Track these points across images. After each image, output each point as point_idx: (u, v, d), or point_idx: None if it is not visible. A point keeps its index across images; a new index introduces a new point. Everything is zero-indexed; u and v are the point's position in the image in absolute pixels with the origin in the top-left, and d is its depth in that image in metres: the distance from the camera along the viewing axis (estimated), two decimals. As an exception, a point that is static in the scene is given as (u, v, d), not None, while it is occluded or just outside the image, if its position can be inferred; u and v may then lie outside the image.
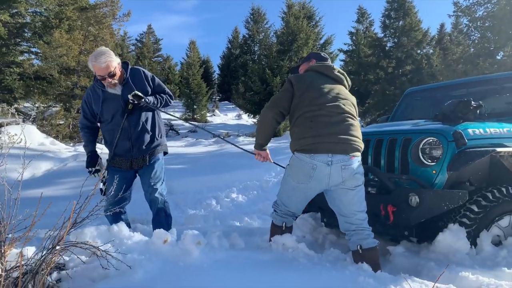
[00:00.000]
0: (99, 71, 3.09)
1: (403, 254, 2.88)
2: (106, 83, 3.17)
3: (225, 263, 2.31)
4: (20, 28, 13.52)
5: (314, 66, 2.94)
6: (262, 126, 2.94)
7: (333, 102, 2.68)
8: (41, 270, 1.80)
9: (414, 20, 20.71)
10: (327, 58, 3.07)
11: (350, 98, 2.82)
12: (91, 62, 3.12)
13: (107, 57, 3.09)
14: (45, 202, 2.00)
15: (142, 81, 3.32)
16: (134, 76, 3.31)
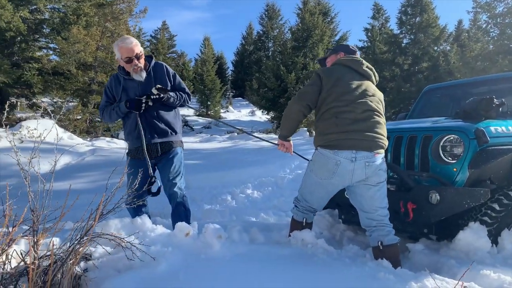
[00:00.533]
0: (126, 52, 3.12)
1: (422, 251, 2.86)
2: (132, 66, 3.17)
3: (246, 257, 2.33)
4: (38, 24, 13.74)
5: (342, 60, 2.88)
6: (287, 118, 2.90)
7: (360, 99, 2.66)
8: (69, 260, 1.85)
9: (431, 16, 20.43)
10: (356, 51, 3.02)
11: (378, 94, 2.79)
12: (117, 46, 3.18)
13: (133, 40, 3.20)
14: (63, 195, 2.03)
15: (163, 76, 3.35)
16: (157, 70, 3.35)
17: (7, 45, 13.15)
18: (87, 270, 2.02)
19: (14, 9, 11.49)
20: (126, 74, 3.29)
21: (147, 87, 3.24)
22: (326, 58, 3.13)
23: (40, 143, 1.94)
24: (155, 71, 3.33)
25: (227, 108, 29.64)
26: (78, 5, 13.33)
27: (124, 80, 3.30)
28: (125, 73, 3.29)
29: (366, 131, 2.58)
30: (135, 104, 3.17)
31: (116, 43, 3.23)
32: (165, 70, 3.39)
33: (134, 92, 3.27)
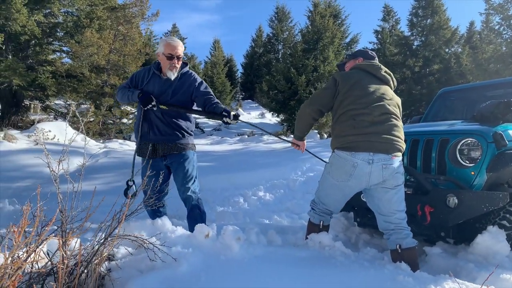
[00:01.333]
0: (171, 49, 3.23)
1: (440, 255, 2.86)
2: (170, 64, 3.25)
3: (265, 259, 2.36)
4: (52, 28, 13.93)
5: (361, 65, 2.91)
6: (299, 120, 3.04)
7: (378, 102, 2.67)
8: (94, 260, 1.89)
9: (442, 18, 20.30)
10: (374, 57, 3.04)
11: (395, 98, 2.81)
12: (165, 41, 3.29)
13: (180, 42, 3.35)
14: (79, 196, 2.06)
15: (189, 83, 3.39)
16: (185, 77, 3.40)
17: (22, 49, 13.37)
18: (110, 270, 2.05)
19: (29, 13, 11.67)
20: (158, 70, 3.37)
21: (169, 89, 3.31)
22: (345, 63, 3.15)
23: (68, 146, 1.98)
24: (183, 78, 3.39)
25: (237, 110, 29.71)
26: (91, 9, 13.49)
27: (154, 74, 3.37)
28: (159, 70, 3.37)
29: (383, 133, 2.60)
30: (146, 98, 3.22)
31: (164, 39, 3.35)
32: (193, 77, 3.43)
33: (155, 88, 3.33)
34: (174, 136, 3.33)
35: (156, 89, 3.31)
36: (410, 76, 20.69)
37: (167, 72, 3.30)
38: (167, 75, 3.31)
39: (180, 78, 3.37)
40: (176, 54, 3.24)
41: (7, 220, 2.20)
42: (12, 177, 6.63)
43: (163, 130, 3.31)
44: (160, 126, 3.31)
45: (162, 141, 3.31)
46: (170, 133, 3.32)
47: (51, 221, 1.62)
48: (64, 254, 1.62)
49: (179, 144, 3.34)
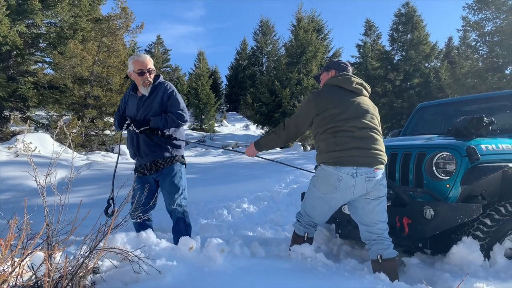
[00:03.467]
0: (140, 65, 3.30)
1: (418, 265, 2.95)
2: (143, 80, 3.31)
3: (248, 270, 2.40)
4: (35, 39, 13.83)
5: (332, 80, 2.98)
6: (270, 142, 3.21)
7: (356, 118, 2.76)
8: (79, 273, 1.91)
9: (422, 33, 20.90)
10: (347, 67, 3.09)
11: (372, 109, 2.89)
12: (133, 59, 3.36)
13: (148, 56, 3.42)
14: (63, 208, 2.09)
15: (161, 95, 3.39)
16: (157, 90, 3.41)
17: (3, 59, 13.21)
18: (95, 283, 2.07)
19: (10, 23, 11.59)
20: (133, 90, 3.44)
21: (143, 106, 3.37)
22: (320, 75, 3.24)
23: (56, 159, 2.01)
24: (156, 90, 3.41)
25: (221, 122, 29.79)
26: (75, 20, 13.46)
27: (130, 95, 3.47)
28: (133, 89, 3.44)
29: (365, 148, 2.70)
30: (118, 123, 3.37)
31: (131, 57, 3.41)
32: (165, 89, 3.41)
33: (131, 109, 3.42)
34: (158, 153, 3.37)
35: (134, 109, 3.39)
36: (391, 89, 21.16)
37: (141, 89, 3.36)
38: (142, 92, 3.37)
39: (153, 92, 3.39)
40: (146, 68, 3.29)
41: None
42: (-9, 190, 6.51)
43: (147, 151, 3.36)
44: (142, 147, 3.36)
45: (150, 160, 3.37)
46: (154, 150, 3.36)
47: (38, 234, 1.64)
48: (50, 267, 1.64)
49: (166, 159, 3.39)
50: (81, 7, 13.42)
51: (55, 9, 12.58)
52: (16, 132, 13.56)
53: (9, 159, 8.37)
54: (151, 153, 3.36)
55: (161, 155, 3.38)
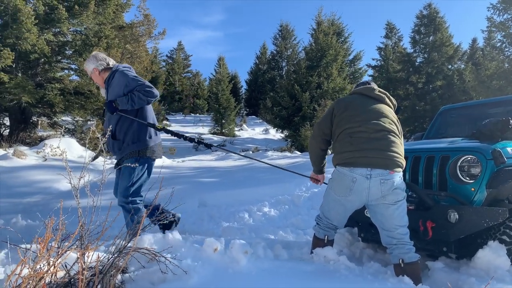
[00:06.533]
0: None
1: (442, 269, 2.92)
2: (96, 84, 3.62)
3: (272, 272, 2.44)
4: (61, 46, 14.25)
5: (355, 90, 3.12)
6: (310, 154, 3.29)
7: (373, 120, 2.80)
8: (109, 272, 1.98)
9: (445, 35, 20.56)
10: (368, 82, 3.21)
11: (391, 116, 2.92)
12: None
13: (85, 62, 3.65)
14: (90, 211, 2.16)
15: (118, 84, 3.44)
16: (113, 80, 3.48)
17: (31, 66, 13.67)
18: (123, 282, 2.14)
19: (39, 32, 11.99)
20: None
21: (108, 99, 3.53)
22: None
23: (88, 163, 2.09)
24: (112, 82, 3.50)
25: (241, 126, 29.93)
26: (99, 28, 13.81)
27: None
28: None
29: (380, 149, 2.70)
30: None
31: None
32: (121, 77, 3.45)
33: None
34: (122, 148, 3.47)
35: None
36: (413, 92, 20.87)
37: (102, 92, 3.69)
38: (102, 94, 3.70)
39: (108, 87, 3.53)
40: (89, 75, 3.64)
41: (21, 234, 2.30)
42: (21, 193, 6.75)
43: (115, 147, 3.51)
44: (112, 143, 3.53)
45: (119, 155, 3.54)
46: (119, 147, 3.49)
47: (72, 234, 1.72)
48: (83, 265, 1.72)
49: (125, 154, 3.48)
50: (105, 15, 13.77)
51: (81, 18, 12.93)
52: (44, 137, 14.00)
53: (37, 163, 8.66)
54: (118, 150, 3.51)
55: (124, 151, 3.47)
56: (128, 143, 3.44)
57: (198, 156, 15.18)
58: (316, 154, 3.21)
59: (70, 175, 1.97)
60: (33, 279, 1.62)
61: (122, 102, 3.34)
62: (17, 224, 4.76)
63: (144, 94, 3.36)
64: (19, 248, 1.67)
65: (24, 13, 10.96)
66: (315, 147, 3.16)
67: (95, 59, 3.56)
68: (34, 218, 5.22)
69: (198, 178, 9.62)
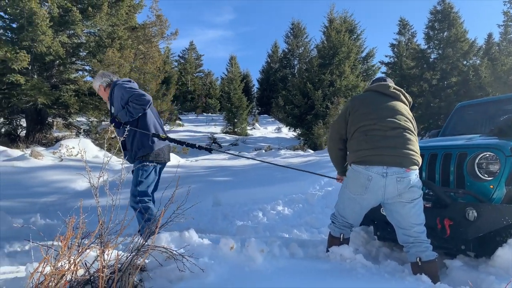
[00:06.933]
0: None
1: (461, 267, 2.88)
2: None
3: (288, 271, 2.44)
4: (76, 48, 14.47)
5: (370, 87, 3.09)
6: (331, 157, 3.26)
7: (389, 117, 2.78)
8: (128, 270, 2.01)
9: (459, 30, 20.25)
10: (384, 78, 3.18)
11: (406, 113, 2.89)
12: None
13: (93, 81, 3.98)
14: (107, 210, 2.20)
15: (117, 98, 3.71)
16: (114, 95, 3.75)
17: (47, 68, 13.91)
18: (142, 280, 2.17)
19: (53, 34, 12.18)
20: None
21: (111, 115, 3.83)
22: None
23: (107, 163, 2.12)
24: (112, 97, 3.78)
25: (253, 125, 29.96)
26: (112, 29, 13.97)
27: None
28: None
29: (396, 147, 2.68)
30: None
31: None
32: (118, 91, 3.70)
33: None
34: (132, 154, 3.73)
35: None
36: (427, 89, 20.60)
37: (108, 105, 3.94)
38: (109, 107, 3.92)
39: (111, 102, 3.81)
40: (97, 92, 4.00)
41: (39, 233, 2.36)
42: (39, 193, 6.87)
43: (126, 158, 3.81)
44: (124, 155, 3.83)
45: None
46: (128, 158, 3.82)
47: (93, 233, 1.75)
48: (104, 263, 1.75)
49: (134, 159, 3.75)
50: (118, 16, 13.92)
51: (94, 19, 13.11)
52: (59, 138, 14.23)
53: (54, 164, 8.80)
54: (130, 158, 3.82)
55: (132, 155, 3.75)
56: (135, 151, 3.70)
57: (211, 156, 15.25)
58: (335, 155, 3.19)
59: (90, 175, 2.00)
60: (55, 277, 1.65)
61: (122, 116, 3.61)
62: (36, 223, 4.85)
63: (137, 103, 3.58)
64: (41, 246, 1.70)
65: (39, 16, 11.15)
66: (333, 148, 3.15)
67: (100, 76, 3.91)
68: (52, 217, 5.31)
69: (211, 177, 9.66)
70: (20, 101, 12.17)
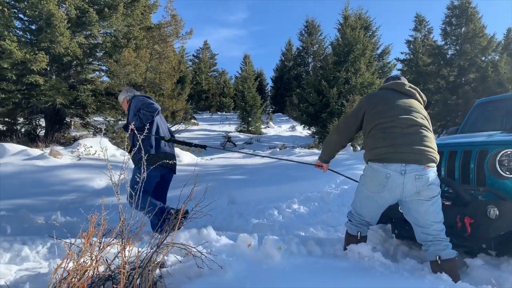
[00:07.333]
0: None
1: (482, 266, 2.83)
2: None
3: (306, 269, 2.43)
4: (92, 49, 14.67)
5: (385, 85, 3.07)
6: (327, 145, 3.24)
7: (405, 115, 2.75)
8: (148, 266, 2.03)
9: (478, 26, 19.83)
10: (398, 77, 3.17)
11: (422, 111, 2.88)
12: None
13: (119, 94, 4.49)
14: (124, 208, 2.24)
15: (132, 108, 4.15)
16: (131, 105, 4.22)
17: (64, 69, 14.15)
18: (161, 276, 2.20)
19: (71, 35, 12.38)
20: None
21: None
22: None
23: (126, 162, 2.15)
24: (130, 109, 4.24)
25: (267, 123, 29.92)
26: (128, 29, 14.12)
27: None
28: None
29: (414, 144, 2.64)
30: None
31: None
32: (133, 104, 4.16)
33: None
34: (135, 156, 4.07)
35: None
36: (444, 86, 20.25)
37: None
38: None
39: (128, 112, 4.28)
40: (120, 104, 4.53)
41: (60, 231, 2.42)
42: (58, 191, 7.01)
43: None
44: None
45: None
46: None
47: (114, 229, 1.78)
48: (125, 260, 1.78)
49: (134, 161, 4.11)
50: (134, 16, 14.06)
51: (110, 20, 13.26)
52: (77, 137, 14.46)
53: (72, 162, 8.96)
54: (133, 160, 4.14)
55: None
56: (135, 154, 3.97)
57: (225, 154, 15.30)
58: (333, 149, 3.20)
59: (111, 172, 2.04)
60: (78, 273, 1.68)
61: (134, 122, 4.00)
62: (56, 220, 4.95)
63: (146, 110, 3.99)
64: (65, 243, 1.73)
65: (57, 18, 11.34)
66: (336, 141, 3.14)
67: (126, 91, 4.48)
68: (72, 215, 5.40)
69: (226, 175, 9.70)
70: (39, 101, 12.41)
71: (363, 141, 2.98)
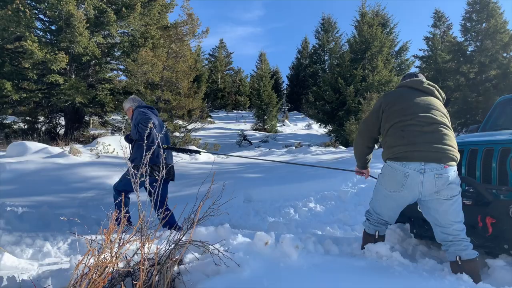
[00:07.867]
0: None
1: (504, 267, 2.77)
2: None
3: (323, 267, 2.42)
4: (110, 48, 14.89)
5: (403, 82, 3.03)
6: (355, 152, 3.24)
7: (424, 112, 2.71)
8: (166, 263, 2.06)
9: (499, 21, 19.36)
10: (416, 74, 3.12)
11: (442, 109, 2.82)
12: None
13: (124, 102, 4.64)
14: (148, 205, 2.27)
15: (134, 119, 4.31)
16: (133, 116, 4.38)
17: (83, 68, 14.40)
18: (179, 273, 2.22)
19: (90, 35, 12.59)
20: None
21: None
22: None
23: (145, 160, 2.17)
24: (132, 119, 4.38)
25: (283, 122, 29.87)
26: (145, 29, 14.27)
27: None
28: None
29: (434, 143, 2.60)
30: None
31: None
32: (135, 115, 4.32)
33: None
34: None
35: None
36: (464, 83, 19.86)
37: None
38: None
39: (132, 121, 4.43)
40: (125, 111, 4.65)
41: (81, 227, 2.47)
42: (78, 188, 7.14)
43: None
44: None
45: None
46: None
47: (134, 226, 1.80)
48: (144, 256, 1.80)
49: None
50: (151, 16, 14.20)
51: (128, 20, 13.43)
52: (96, 135, 14.71)
53: (91, 160, 9.12)
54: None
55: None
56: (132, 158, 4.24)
57: (241, 152, 15.33)
58: (361, 152, 3.18)
59: (131, 169, 2.06)
60: (99, 269, 1.71)
61: (133, 134, 4.25)
62: (76, 217, 5.04)
63: (143, 124, 4.09)
64: (86, 239, 1.77)
65: (76, 18, 11.54)
66: (361, 144, 3.13)
67: (132, 100, 4.59)
68: (91, 212, 5.50)
69: (242, 173, 9.71)
70: (59, 101, 12.66)
71: (382, 140, 2.95)
